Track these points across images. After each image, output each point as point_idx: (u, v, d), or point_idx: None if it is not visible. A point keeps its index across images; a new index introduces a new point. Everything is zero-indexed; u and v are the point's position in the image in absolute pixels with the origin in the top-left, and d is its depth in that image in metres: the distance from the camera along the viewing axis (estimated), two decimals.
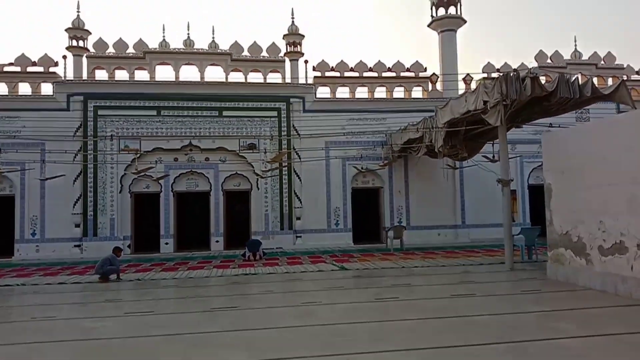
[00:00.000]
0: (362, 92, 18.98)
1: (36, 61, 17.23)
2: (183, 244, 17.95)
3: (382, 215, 18.70)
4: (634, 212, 7.34)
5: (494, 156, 14.23)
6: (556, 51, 19.93)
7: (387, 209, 18.51)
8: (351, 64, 18.84)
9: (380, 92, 19.16)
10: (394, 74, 19.04)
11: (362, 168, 18.09)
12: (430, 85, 19.20)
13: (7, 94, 17.01)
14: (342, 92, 18.86)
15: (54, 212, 16.72)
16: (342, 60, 18.80)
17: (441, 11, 19.59)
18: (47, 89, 17.16)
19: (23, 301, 9.08)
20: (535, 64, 19.64)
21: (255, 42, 18.33)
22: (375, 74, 19.02)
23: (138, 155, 16.55)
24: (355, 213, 18.44)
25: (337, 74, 18.79)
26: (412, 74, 19.07)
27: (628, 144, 7.51)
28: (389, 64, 19.02)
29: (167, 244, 17.30)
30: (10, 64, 17.11)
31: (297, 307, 7.56)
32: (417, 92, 19.24)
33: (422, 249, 15.69)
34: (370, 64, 18.95)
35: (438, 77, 19.22)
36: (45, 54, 17.29)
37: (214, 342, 5.66)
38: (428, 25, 19.93)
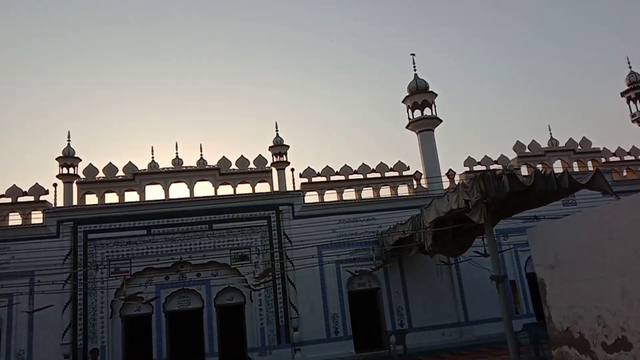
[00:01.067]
0: (349, 194, 19.28)
1: (27, 191, 17.54)
2: None
3: (382, 319, 18.11)
4: (629, 305, 7.17)
5: (485, 250, 14.14)
6: (533, 140, 20.67)
7: (386, 311, 17.97)
8: (336, 168, 19.34)
9: (367, 193, 19.49)
10: (378, 175, 19.50)
11: (355, 272, 17.82)
12: (414, 182, 19.60)
13: None
14: (330, 196, 19.13)
15: (42, 345, 16.05)
16: (327, 166, 19.32)
17: (417, 113, 20.54)
18: (37, 217, 17.27)
19: None
20: (514, 155, 20.27)
21: (242, 155, 18.92)
22: (360, 176, 19.46)
23: (128, 276, 16.38)
24: (354, 318, 17.84)
25: (324, 179, 19.20)
26: (396, 174, 19.55)
27: (611, 236, 7.52)
28: (373, 166, 19.55)
29: None
30: (1, 196, 17.37)
31: None
32: (403, 190, 19.57)
33: (427, 353, 15.05)
34: (355, 167, 19.46)
35: (421, 174, 19.69)
36: (36, 184, 17.66)
37: None
38: (406, 127, 20.79)
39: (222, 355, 16.92)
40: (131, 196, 18.02)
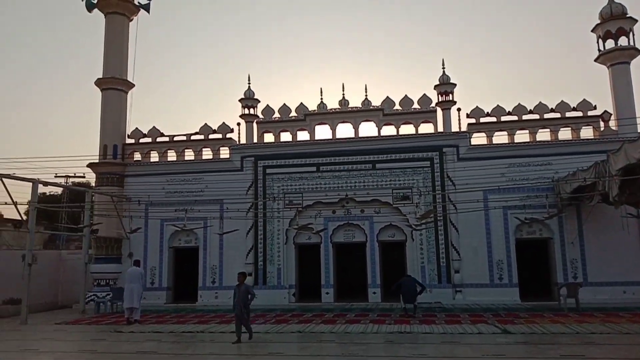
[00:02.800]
0: (522, 136, 17.93)
1: (216, 129, 19.84)
2: (343, 294, 18.50)
3: (553, 270, 17.03)
4: None
5: None
6: None
7: (558, 263, 16.80)
8: (508, 108, 18.02)
9: (544, 135, 17.90)
10: (558, 115, 17.66)
11: (525, 219, 16.82)
12: (602, 124, 17.37)
13: (193, 158, 19.79)
14: (500, 138, 18.01)
15: (230, 262, 18.64)
16: (497, 105, 18.09)
17: (610, 43, 17.80)
18: (224, 152, 19.56)
19: (201, 349, 10.25)
20: None
21: (406, 95, 18.71)
22: (536, 116, 17.85)
23: (300, 208, 17.91)
24: (521, 267, 17.10)
25: (494, 119, 18.06)
26: (579, 113, 17.49)
27: None
28: (551, 105, 17.74)
29: (327, 293, 17.98)
30: (196, 133, 19.97)
31: None
32: (587, 132, 17.53)
33: (602, 310, 13.86)
34: (530, 106, 17.90)
35: (610, 114, 17.31)
36: (223, 123, 19.83)
37: None
38: (595, 60, 18.23)
39: (384, 287, 17.77)
40: (302, 135, 19.29)
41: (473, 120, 18.15)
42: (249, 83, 20.33)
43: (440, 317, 13.32)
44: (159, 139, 20.19)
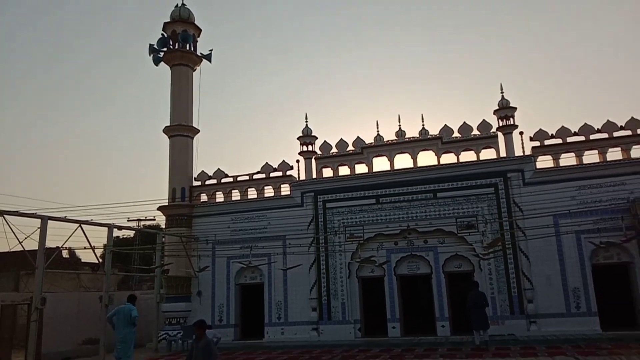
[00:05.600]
0: (591, 157, 17.15)
1: (276, 167, 20.39)
2: (409, 328, 18.04)
3: (636, 296, 15.84)
4: None
5: None
6: None
7: None
8: (574, 128, 17.36)
9: (614, 154, 17.00)
10: (628, 132, 16.79)
11: (600, 243, 15.88)
12: None
13: (255, 197, 20.36)
14: (567, 160, 17.30)
15: (294, 298, 18.77)
16: (562, 126, 17.46)
17: None
18: (285, 189, 20.01)
19: None
20: None
21: (464, 122, 18.48)
22: (605, 135, 17.06)
23: (361, 241, 17.87)
24: (599, 294, 16.03)
25: (559, 141, 17.41)
26: None
27: None
28: (620, 122, 16.93)
29: (394, 327, 17.60)
30: (258, 172, 20.61)
31: None
32: None
33: None
34: (597, 125, 17.15)
35: None
36: (283, 161, 20.38)
37: None
38: None
39: (453, 320, 17.17)
40: (360, 168, 19.42)
41: (537, 143, 17.58)
42: (307, 121, 20.87)
43: (514, 350, 12.68)
44: (223, 180, 21.00)
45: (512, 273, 16.67)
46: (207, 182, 21.19)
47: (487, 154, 18.20)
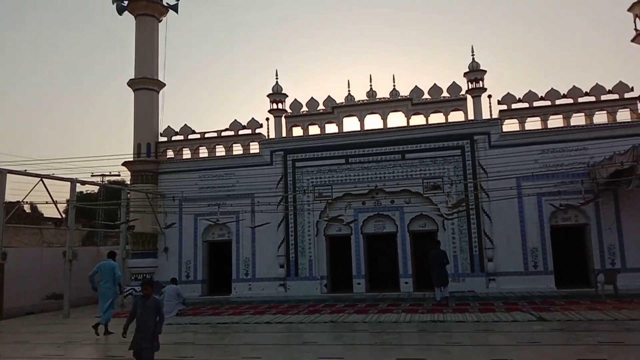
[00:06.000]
0: (555, 122, 17.53)
1: (245, 125, 20.08)
2: (374, 285, 18.53)
3: (590, 257, 16.64)
4: None
5: None
6: None
7: (595, 249, 16.39)
8: (540, 93, 17.64)
9: (578, 119, 17.43)
10: (592, 99, 17.19)
11: (560, 206, 16.47)
12: (639, 106, 16.80)
13: (223, 154, 20.10)
14: (532, 124, 17.67)
15: (262, 255, 18.94)
16: (530, 90, 17.72)
17: None
18: (254, 147, 19.81)
19: (237, 339, 10.48)
20: None
21: (435, 84, 18.52)
22: (570, 101, 17.42)
23: (330, 200, 18.03)
24: (556, 254, 16.76)
25: (526, 105, 17.70)
26: (615, 96, 16.97)
27: None
28: (585, 88, 17.28)
29: (359, 284, 18.05)
30: (226, 129, 20.27)
31: None
32: (623, 115, 16.98)
33: None
34: (564, 90, 17.48)
35: None
36: (252, 118, 20.06)
37: None
38: (632, 40, 17.58)
39: (415, 277, 17.71)
40: (330, 128, 19.33)
41: (504, 107, 17.83)
42: (277, 78, 20.46)
43: (473, 306, 13.20)
44: (190, 136, 20.61)
45: (474, 233, 17.19)
46: (174, 138, 20.74)
47: (456, 116, 18.39)
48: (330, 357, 8.12)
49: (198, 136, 20.53)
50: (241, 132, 20.09)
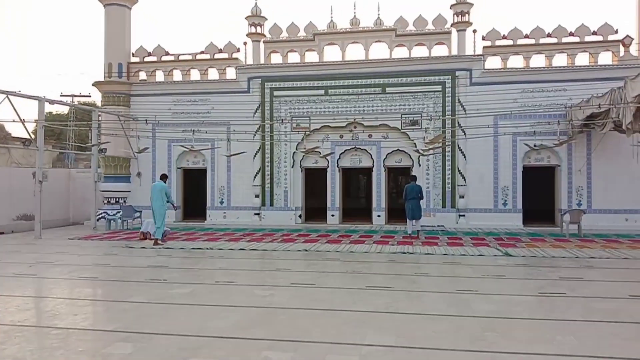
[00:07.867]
0: (538, 61, 17.40)
1: (222, 48, 19.30)
2: (348, 217, 18.86)
3: (558, 197, 17.14)
4: None
5: None
6: None
7: (564, 190, 16.88)
8: (526, 31, 17.32)
9: (561, 60, 17.31)
10: (577, 39, 16.98)
11: (534, 145, 16.69)
12: (622, 49, 16.70)
13: (199, 79, 19.42)
14: (515, 62, 17.50)
15: (237, 184, 18.88)
16: (515, 27, 17.37)
17: None
18: (231, 73, 19.17)
19: (210, 264, 10.60)
20: None
21: (420, 15, 17.93)
22: (554, 40, 17.19)
23: (308, 132, 17.82)
24: (526, 193, 17.21)
25: (510, 42, 17.42)
26: (599, 38, 16.80)
27: None
28: (571, 28, 17.02)
29: (333, 215, 18.32)
30: (202, 52, 19.46)
31: (451, 294, 7.51)
32: (605, 58, 16.91)
33: (603, 236, 14.08)
34: (549, 30, 17.19)
35: (632, 39, 16.60)
36: (229, 42, 19.25)
37: (365, 322, 5.99)
38: None
39: (388, 211, 18.04)
40: (311, 56, 18.75)
41: (489, 43, 17.52)
42: None
43: (442, 240, 13.60)
44: (164, 58, 19.77)
45: (449, 170, 17.40)
46: (147, 59, 19.87)
47: (439, 50, 18.01)
48: (302, 283, 8.30)
49: (172, 58, 19.70)
50: (217, 55, 19.33)
